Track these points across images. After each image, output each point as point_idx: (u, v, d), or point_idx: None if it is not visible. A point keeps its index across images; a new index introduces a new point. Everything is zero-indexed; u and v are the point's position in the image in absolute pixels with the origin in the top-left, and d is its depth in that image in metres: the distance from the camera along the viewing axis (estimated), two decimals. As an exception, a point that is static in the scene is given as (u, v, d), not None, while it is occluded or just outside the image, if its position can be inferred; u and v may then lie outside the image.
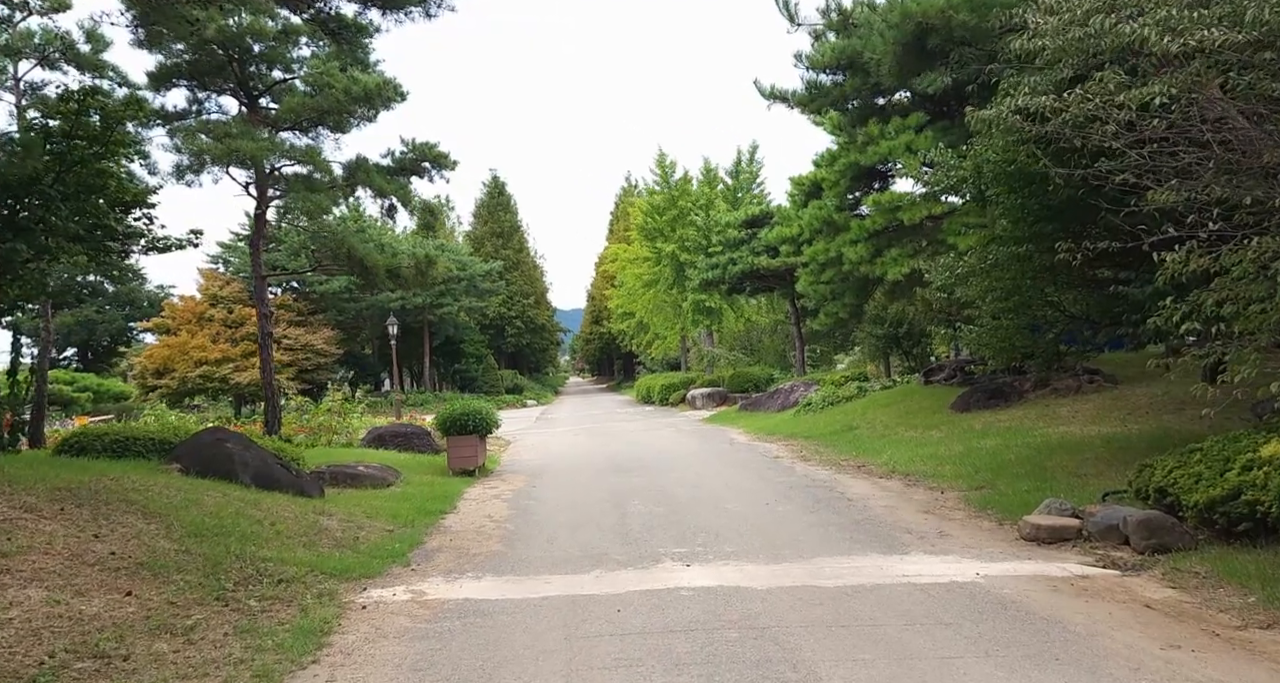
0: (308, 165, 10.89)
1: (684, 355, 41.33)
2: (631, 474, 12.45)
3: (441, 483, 11.41)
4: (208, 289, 39.05)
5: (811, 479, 11.18)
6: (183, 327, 37.10)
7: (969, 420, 14.39)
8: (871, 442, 14.54)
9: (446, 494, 10.33)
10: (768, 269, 25.04)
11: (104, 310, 44.68)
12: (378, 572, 6.30)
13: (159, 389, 35.86)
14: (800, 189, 16.83)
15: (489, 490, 11.12)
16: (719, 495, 10.04)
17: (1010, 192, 8.56)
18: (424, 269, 12.32)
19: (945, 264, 10.01)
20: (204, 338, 36.86)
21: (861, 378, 21.83)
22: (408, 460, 13.26)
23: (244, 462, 8.13)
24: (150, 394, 36.15)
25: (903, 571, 6.10)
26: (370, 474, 10.61)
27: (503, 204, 65.53)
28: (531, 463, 15.02)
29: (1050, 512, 7.18)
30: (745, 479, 11.45)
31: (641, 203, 35.16)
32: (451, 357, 51.38)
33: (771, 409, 22.57)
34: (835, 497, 9.69)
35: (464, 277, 46.62)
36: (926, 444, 13.22)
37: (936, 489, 9.87)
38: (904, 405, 17.13)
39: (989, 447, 11.83)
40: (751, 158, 32.81)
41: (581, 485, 11.45)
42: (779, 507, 9.16)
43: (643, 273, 35.50)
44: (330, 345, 40.34)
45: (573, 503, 9.92)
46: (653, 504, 9.55)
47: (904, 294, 16.30)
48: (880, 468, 11.89)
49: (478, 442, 12.55)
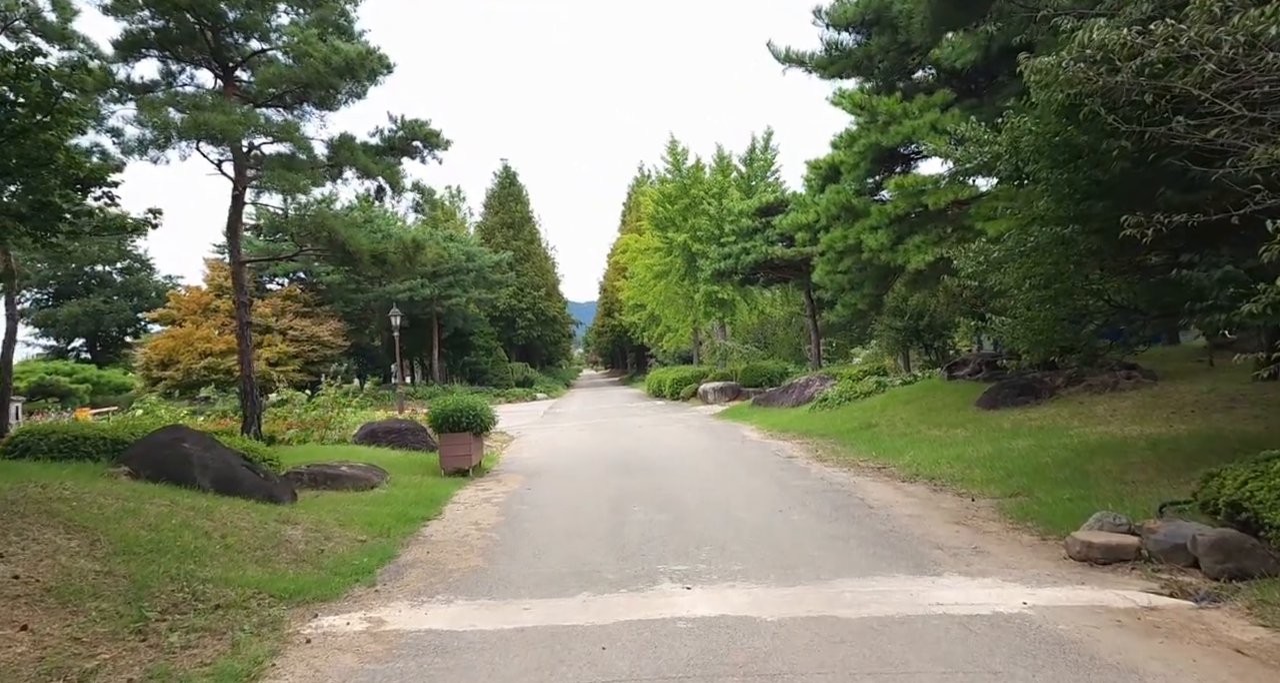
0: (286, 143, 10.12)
1: (696, 348, 40.45)
2: (636, 475, 11.66)
3: (431, 484, 10.66)
4: (213, 279, 38.57)
5: (829, 483, 10.35)
6: (188, 317, 36.65)
7: (997, 418, 13.50)
8: (892, 441, 13.68)
9: (434, 498, 9.58)
10: (782, 259, 24.13)
11: (111, 301, 44.46)
12: (336, 593, 5.54)
13: (164, 381, 35.43)
14: (817, 173, 15.93)
15: (481, 493, 10.36)
16: (728, 501, 9.23)
17: (1054, 166, 7.66)
18: (412, 254, 11.55)
19: (977, 249, 9.12)
20: (209, 329, 36.40)
21: (880, 372, 20.93)
22: (399, 459, 12.53)
23: (203, 464, 7.40)
24: (156, 386, 35.72)
25: (937, 598, 5.27)
26: (353, 475, 9.87)
27: (514, 194, 64.79)
28: (532, 462, 14.26)
29: (1103, 527, 6.32)
30: (757, 482, 10.63)
31: (652, 191, 34.23)
32: (461, 349, 50.76)
33: (786, 404, 21.72)
34: (855, 504, 8.85)
35: (473, 268, 45.96)
36: (952, 444, 12.36)
37: (966, 496, 9.01)
38: (926, 402, 16.24)
39: (1021, 448, 10.96)
40: (766, 145, 31.83)
41: (581, 488, 10.68)
42: (793, 515, 8.34)
43: (654, 263, 34.61)
44: (337, 337, 39.82)
45: (569, 509, 9.15)
46: (655, 511, 8.75)
47: (926, 284, 15.39)
48: (903, 470, 11.04)
49: (472, 440, 11.80)
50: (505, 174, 64.88)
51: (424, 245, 11.87)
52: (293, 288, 41.06)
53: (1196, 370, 14.32)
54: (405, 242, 11.70)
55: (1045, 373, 14.97)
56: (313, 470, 9.71)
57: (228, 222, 11.09)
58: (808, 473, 11.33)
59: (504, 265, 49.48)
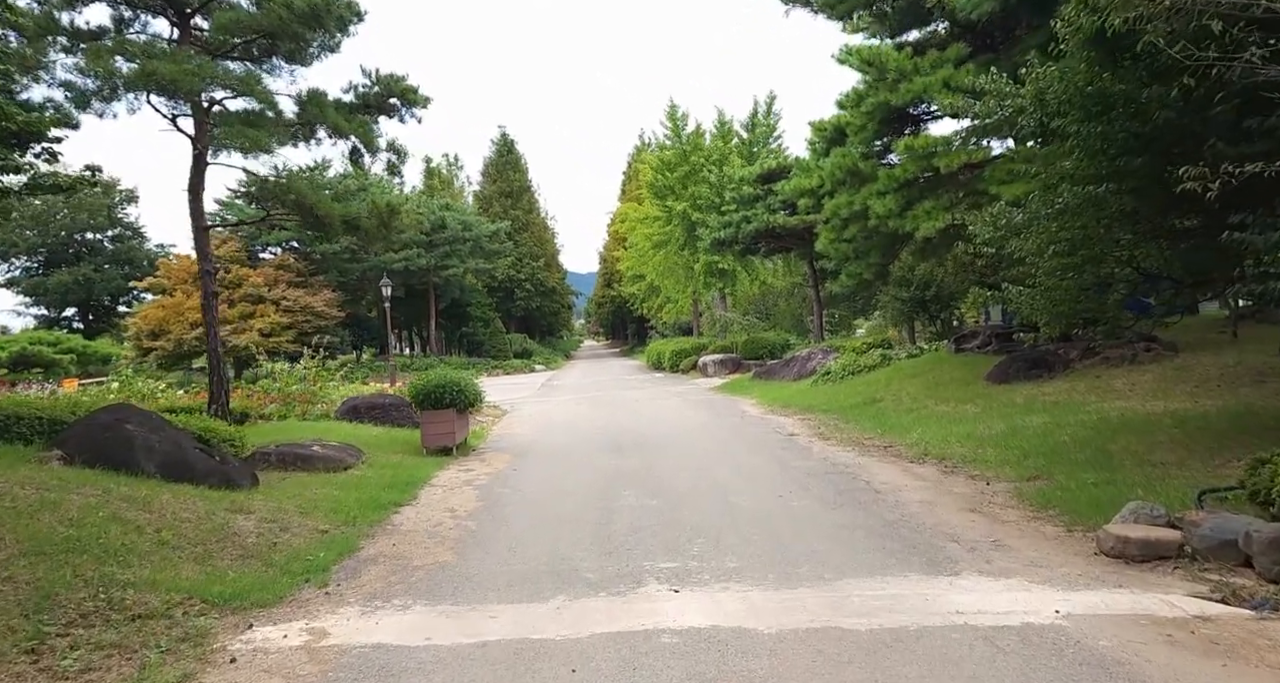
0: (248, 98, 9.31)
1: (696, 320, 39.74)
2: (628, 454, 11.05)
3: (410, 465, 10.05)
4: (204, 249, 37.76)
5: (832, 464, 9.72)
6: (178, 287, 35.93)
7: (1008, 393, 12.86)
8: (898, 417, 13.05)
9: (410, 480, 8.96)
10: (784, 228, 23.32)
11: (102, 269, 43.68)
12: (280, 597, 4.93)
13: (155, 351, 34.88)
14: (821, 136, 15.09)
15: (463, 474, 9.75)
16: (724, 484, 8.61)
17: (1085, 119, 6.90)
18: (386, 220, 10.80)
19: (995, 213, 8.40)
20: (199, 298, 35.69)
21: (884, 345, 20.26)
22: (380, 436, 11.93)
23: (148, 447, 6.77)
24: (146, 356, 35.16)
25: (956, 604, 4.65)
26: (326, 455, 9.25)
27: (511, 163, 63.64)
28: (522, 438, 13.66)
29: (1138, 519, 5.68)
30: (756, 462, 10.01)
31: (651, 159, 33.22)
32: (458, 320, 50.12)
33: (787, 378, 21.08)
34: (861, 487, 8.23)
35: (469, 237, 45.13)
36: (961, 421, 11.73)
37: (980, 479, 8.39)
38: (933, 376, 15.59)
39: (1036, 426, 10.33)
40: (769, 110, 30.77)
41: (569, 469, 10.07)
42: (794, 501, 7.72)
43: (652, 233, 33.73)
44: (331, 307, 39.13)
45: (554, 493, 8.54)
46: (647, 496, 8.14)
47: (935, 253, 14.63)
48: (910, 450, 10.42)
49: (455, 417, 11.17)
50: (503, 142, 63.66)
51: (399, 210, 11.09)
52: (286, 257, 40.26)
53: (1219, 342, 13.63)
54: (379, 206, 10.94)
55: (1059, 345, 14.30)
56: (281, 451, 9.09)
57: (189, 183, 10.33)
58: (810, 452, 10.71)
59: (501, 235, 48.62)
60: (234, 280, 36.87)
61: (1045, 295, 9.02)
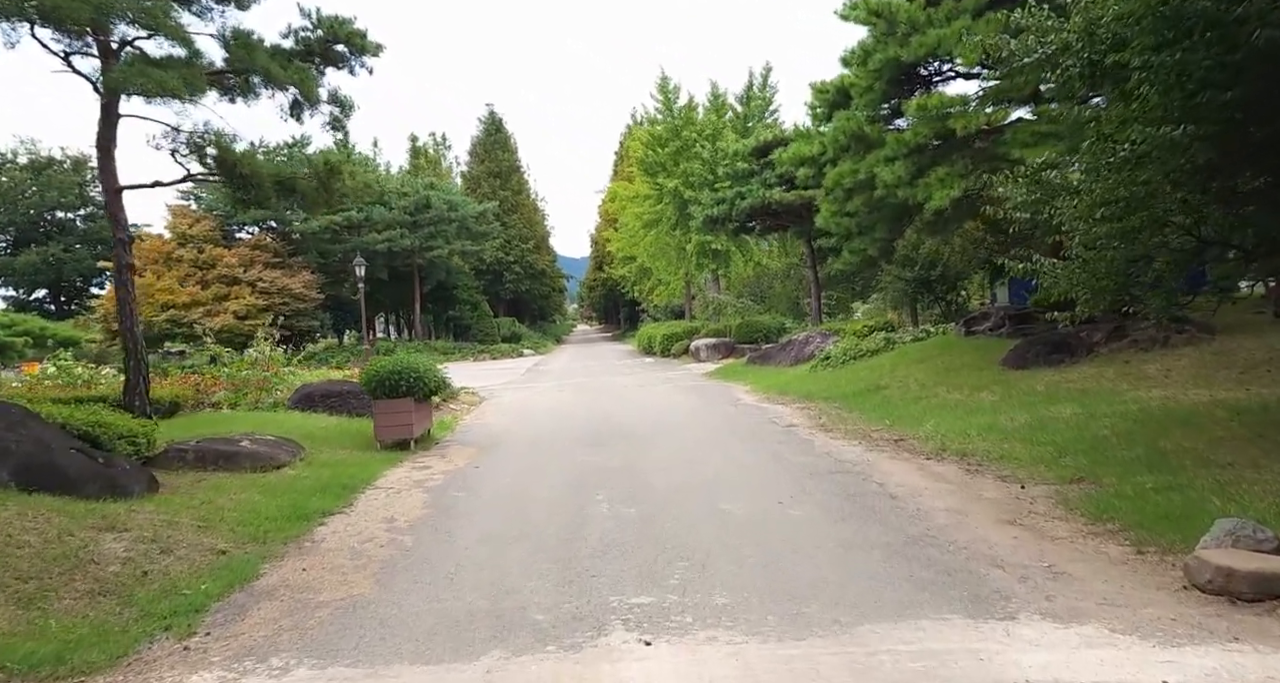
0: (154, 33, 7.94)
1: (688, 303, 38.46)
2: (608, 448, 9.84)
3: (357, 462, 8.82)
4: (176, 227, 36.29)
5: (837, 461, 8.52)
6: (148, 267, 34.42)
7: (1028, 380, 11.69)
8: (907, 407, 11.87)
9: (351, 482, 7.73)
10: (781, 204, 22.03)
11: (73, 249, 42.02)
12: (118, 656, 3.70)
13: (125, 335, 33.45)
14: (823, 99, 13.78)
15: (416, 473, 8.52)
16: (714, 487, 7.39)
17: (1157, 48, 5.64)
18: (326, 180, 9.45)
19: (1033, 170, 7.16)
20: (171, 279, 34.26)
21: (886, 328, 19.06)
22: (331, 428, 10.67)
23: (3, 450, 5.53)
24: (115, 340, 33.71)
25: (1022, 667, 3.45)
26: (255, 452, 8.01)
27: (500, 142, 61.99)
28: (493, 429, 12.43)
29: (1237, 542, 4.49)
30: (751, 459, 8.80)
31: (641, 133, 31.76)
32: (445, 303, 48.71)
33: (784, 363, 19.88)
34: (872, 491, 7.03)
35: (455, 218, 43.67)
36: (978, 411, 10.55)
37: (1011, 480, 7.20)
38: (942, 361, 14.40)
39: (1066, 417, 9.16)
40: (765, 82, 29.33)
41: (540, 467, 8.86)
42: (795, 508, 6.52)
43: (643, 212, 32.34)
44: (310, 289, 37.72)
45: (516, 497, 7.32)
46: (624, 501, 6.93)
47: (947, 227, 13.41)
48: (925, 444, 9.23)
49: (413, 407, 9.93)
50: (491, 121, 61.99)
51: (339, 169, 9.76)
52: (263, 237, 38.80)
53: (1258, 324, 12.43)
54: (316, 165, 9.60)
55: (1080, 328, 13.10)
56: (201, 448, 7.83)
57: (97, 138, 9.01)
58: (811, 447, 9.51)
59: (489, 216, 47.16)
60: (207, 260, 35.44)
61: (1086, 269, 7.81)
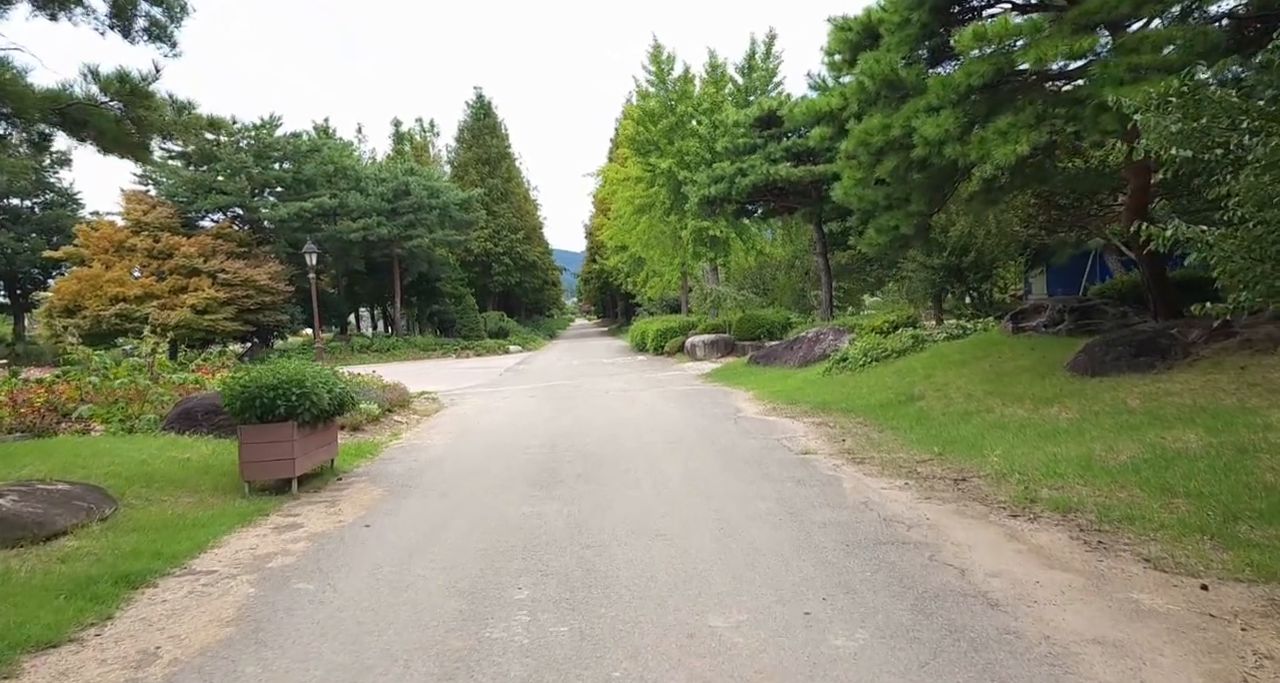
0: None
1: (684, 295, 35.74)
2: (559, 494, 7.19)
3: (196, 519, 6.16)
4: (130, 213, 33.54)
5: (883, 520, 5.85)
6: (97, 257, 31.75)
7: (1111, 391, 9.05)
8: (954, 425, 9.24)
9: (150, 564, 5.05)
10: (788, 181, 19.32)
11: (27, 238, 39.30)
12: None
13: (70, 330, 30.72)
14: (843, 40, 11.06)
15: (271, 539, 5.86)
16: (702, 578, 4.73)
17: None
18: (129, 110, 6.74)
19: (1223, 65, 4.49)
20: (122, 270, 31.56)
21: (911, 323, 16.40)
22: (196, 461, 8.00)
23: None
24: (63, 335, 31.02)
25: None
26: (15, 514, 5.34)
27: (489, 127, 59.17)
28: (427, 455, 9.78)
29: None
30: (757, 517, 6.13)
31: (632, 109, 28.94)
32: (428, 296, 45.99)
33: (790, 364, 17.22)
34: (955, 591, 4.36)
35: (436, 204, 40.94)
36: (1057, 434, 7.92)
37: (1167, 565, 4.56)
38: (990, 364, 11.75)
39: (1195, 449, 6.55)
40: (768, 52, 26.50)
41: (455, 527, 6.21)
42: (836, 634, 3.86)
43: (634, 196, 29.58)
44: (278, 281, 35.04)
45: (394, 588, 4.67)
46: (555, 609, 4.28)
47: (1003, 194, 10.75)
48: (999, 486, 6.59)
49: (296, 435, 7.26)
50: (479, 104, 59.10)
51: (150, 94, 7.04)
52: (226, 224, 36.08)
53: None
54: (110, 84, 6.93)
55: (1170, 324, 10.44)
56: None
57: None
58: (840, 491, 6.84)
59: (474, 203, 44.40)
60: (164, 250, 32.74)
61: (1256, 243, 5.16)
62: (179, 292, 31.88)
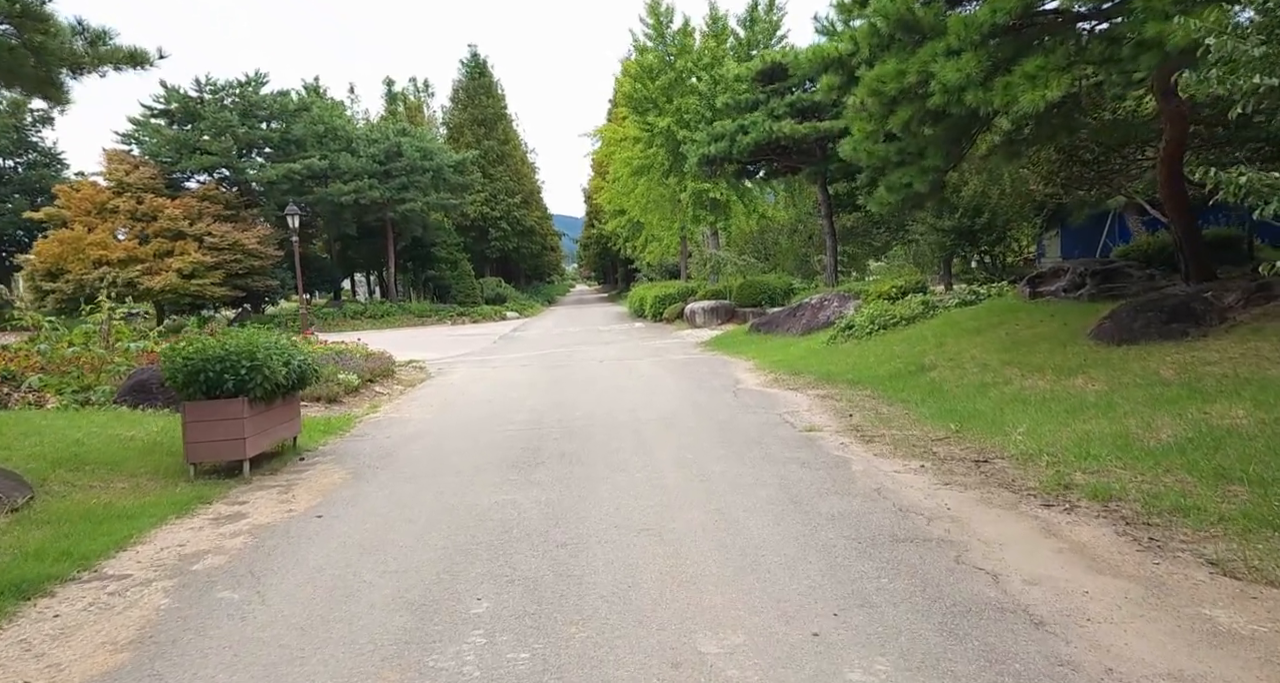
0: None
1: (683, 261, 34.85)
2: (538, 477, 6.52)
3: (124, 509, 5.48)
4: (113, 174, 32.50)
5: (899, 511, 5.17)
6: (78, 219, 30.82)
7: (1141, 360, 8.35)
8: (971, 398, 8.56)
9: (45, 570, 4.37)
10: (791, 139, 18.38)
11: (10, 199, 38.24)
12: None
13: (54, 294, 29.97)
14: (855, -22, 10.16)
15: (206, 534, 5.19)
16: (691, 584, 4.05)
17: None
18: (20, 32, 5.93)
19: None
20: (105, 232, 30.66)
21: (920, 289, 15.63)
22: (142, 439, 7.32)
23: None
24: (45, 300, 30.24)
25: None
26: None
27: (484, 87, 57.57)
28: (403, 431, 9.12)
29: None
30: (756, 507, 5.45)
31: (629, 65, 27.78)
32: (422, 262, 45.04)
33: (793, 331, 16.49)
34: (988, 602, 3.68)
35: (429, 167, 39.82)
36: (1085, 409, 7.24)
37: (1238, 569, 3.88)
38: (1006, 331, 11.02)
39: (1245, 426, 5.94)
40: (771, 2, 25.32)
41: (419, 515, 5.55)
42: (851, 664, 3.18)
43: (631, 157, 28.51)
44: (267, 246, 34.14)
45: (330, 600, 4.00)
46: (515, 627, 3.61)
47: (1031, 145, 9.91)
48: (1027, 469, 5.92)
49: (247, 412, 6.55)
50: (474, 63, 57.46)
51: (43, 16, 6.19)
52: (212, 186, 35.07)
53: None
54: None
55: (1204, 287, 9.68)
56: None
57: None
58: (849, 474, 6.15)
59: (468, 165, 43.24)
60: (148, 212, 31.78)
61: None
62: (164, 256, 31.01)
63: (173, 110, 34.91)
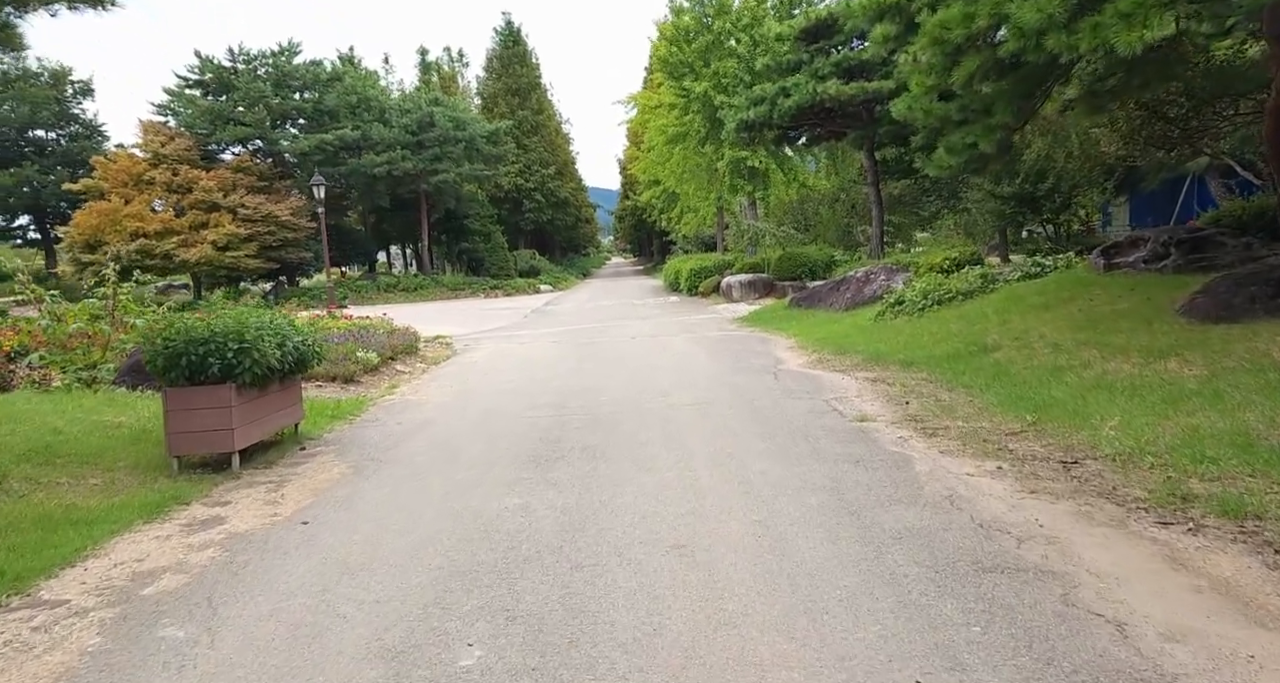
0: None
1: (720, 232, 33.74)
2: (561, 469, 5.80)
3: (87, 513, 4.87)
4: (149, 145, 32.35)
5: (983, 530, 4.30)
6: (115, 190, 30.74)
7: (1244, 340, 7.32)
8: (1043, 383, 7.60)
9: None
10: (836, 101, 17.18)
11: (53, 171, 38.41)
12: None
13: (92, 266, 30.00)
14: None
15: (169, 545, 4.54)
16: (734, 619, 3.26)
17: None
18: None
19: None
20: (141, 204, 30.55)
21: (977, 260, 14.51)
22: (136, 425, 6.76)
23: None
24: (84, 272, 30.30)
25: None
26: None
27: (518, 56, 56.45)
28: (417, 416, 8.46)
29: None
30: (805, 512, 4.63)
31: (665, 27, 26.56)
32: (456, 234, 44.51)
33: (837, 307, 15.50)
34: (1124, 676, 2.83)
35: (462, 137, 39.07)
36: (1183, 397, 6.27)
37: None
38: (1079, 307, 9.96)
39: None
40: (816, -45, 23.88)
41: (422, 524, 4.85)
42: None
43: (667, 124, 27.39)
44: (300, 217, 33.84)
45: (298, 644, 3.31)
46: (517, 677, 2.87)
47: (1118, 96, 8.79)
48: (1129, 474, 5.02)
49: (235, 398, 5.90)
50: (508, 32, 56.31)
51: None
52: (246, 158, 34.79)
53: None
54: None
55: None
56: None
57: None
58: (912, 478, 5.29)
59: (501, 135, 42.38)
60: (183, 184, 31.60)
61: None
62: (199, 227, 30.86)
63: (207, 81, 34.57)
